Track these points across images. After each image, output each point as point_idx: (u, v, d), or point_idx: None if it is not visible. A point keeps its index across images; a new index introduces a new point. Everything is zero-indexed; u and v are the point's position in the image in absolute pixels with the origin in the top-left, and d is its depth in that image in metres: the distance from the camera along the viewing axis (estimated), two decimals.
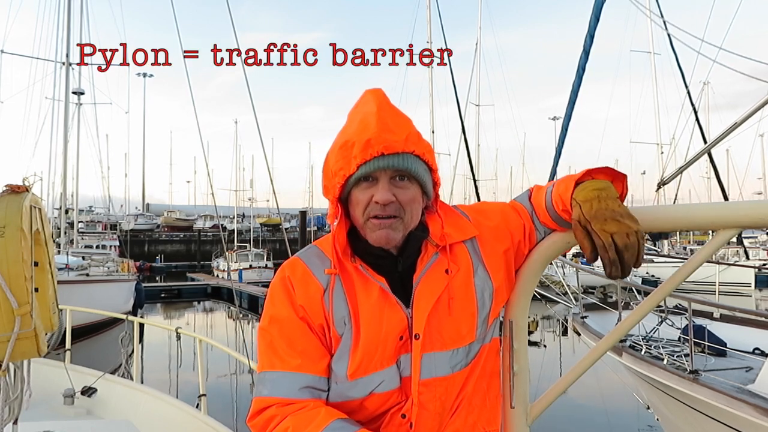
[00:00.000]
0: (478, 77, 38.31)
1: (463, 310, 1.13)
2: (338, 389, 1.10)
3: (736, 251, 28.39)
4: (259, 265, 33.86)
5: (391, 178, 1.07)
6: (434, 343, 1.11)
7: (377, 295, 1.10)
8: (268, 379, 1.09)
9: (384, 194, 1.05)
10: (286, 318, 1.11)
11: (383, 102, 1.11)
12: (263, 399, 1.08)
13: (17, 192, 2.57)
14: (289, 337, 1.10)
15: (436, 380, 1.11)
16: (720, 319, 6.62)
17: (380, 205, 1.06)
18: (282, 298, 1.13)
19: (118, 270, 20.65)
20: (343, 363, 1.09)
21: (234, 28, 4.62)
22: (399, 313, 1.09)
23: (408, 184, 1.09)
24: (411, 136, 1.08)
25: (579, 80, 6.02)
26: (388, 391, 1.10)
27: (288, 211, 58.81)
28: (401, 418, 1.11)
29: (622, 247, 0.97)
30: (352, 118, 1.12)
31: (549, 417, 1.79)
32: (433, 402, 1.11)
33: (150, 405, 4.57)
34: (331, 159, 1.11)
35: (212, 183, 40.72)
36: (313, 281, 1.12)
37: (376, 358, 1.08)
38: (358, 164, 1.05)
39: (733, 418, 4.04)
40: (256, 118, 4.49)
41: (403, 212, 1.08)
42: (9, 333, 2.40)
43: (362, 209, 1.08)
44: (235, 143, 58.97)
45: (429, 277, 1.12)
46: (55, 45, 21.40)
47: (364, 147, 1.05)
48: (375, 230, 1.08)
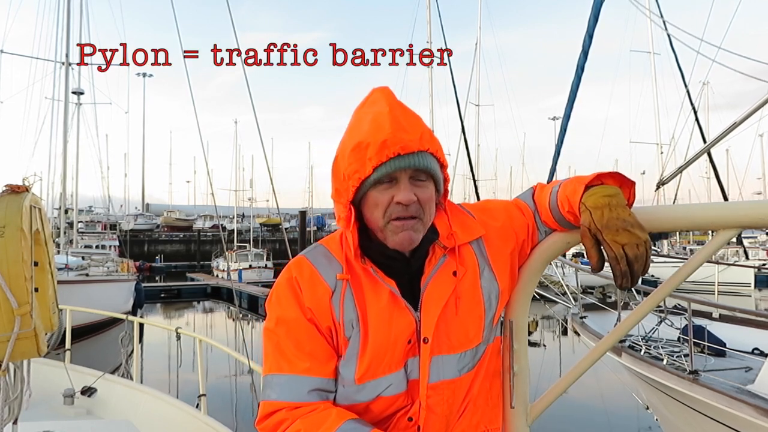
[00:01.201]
0: (478, 77, 38.31)
1: (470, 313, 1.12)
2: (345, 392, 1.09)
3: (735, 251, 28.40)
4: (259, 265, 33.84)
5: (410, 178, 1.05)
6: (442, 347, 1.10)
7: (387, 299, 1.08)
8: (275, 382, 1.08)
9: (407, 195, 1.03)
10: (294, 319, 1.09)
11: (394, 101, 1.09)
12: (271, 403, 1.07)
13: (17, 192, 2.57)
14: (296, 339, 1.08)
15: (444, 383, 1.10)
16: (719, 319, 6.62)
17: (402, 206, 1.04)
18: (289, 298, 1.10)
19: (117, 270, 20.64)
20: (351, 367, 1.08)
21: (234, 28, 4.62)
22: (408, 317, 1.08)
23: (426, 183, 1.07)
24: (425, 134, 1.07)
25: (578, 80, 6.02)
26: (395, 395, 1.09)
27: (288, 211, 58.81)
28: (408, 421, 1.10)
29: (633, 259, 0.97)
30: (361, 118, 1.09)
31: (549, 417, 1.79)
32: (441, 405, 1.10)
33: (150, 405, 4.57)
34: (343, 162, 1.07)
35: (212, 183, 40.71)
36: (320, 283, 1.10)
37: (384, 362, 1.07)
38: (375, 166, 1.03)
39: (733, 418, 4.04)
40: (256, 118, 4.49)
41: (422, 212, 1.06)
42: (9, 333, 2.40)
43: (382, 211, 1.05)
44: (235, 143, 58.96)
45: (437, 280, 1.10)
46: (54, 45, 21.46)
47: (380, 148, 1.02)
48: (398, 232, 1.06)
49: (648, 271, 1.00)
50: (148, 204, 70.35)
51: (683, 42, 7.65)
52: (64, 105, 21.37)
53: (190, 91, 4.77)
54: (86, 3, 22.23)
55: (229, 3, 4.64)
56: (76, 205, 24.66)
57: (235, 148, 58.31)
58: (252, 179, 60.98)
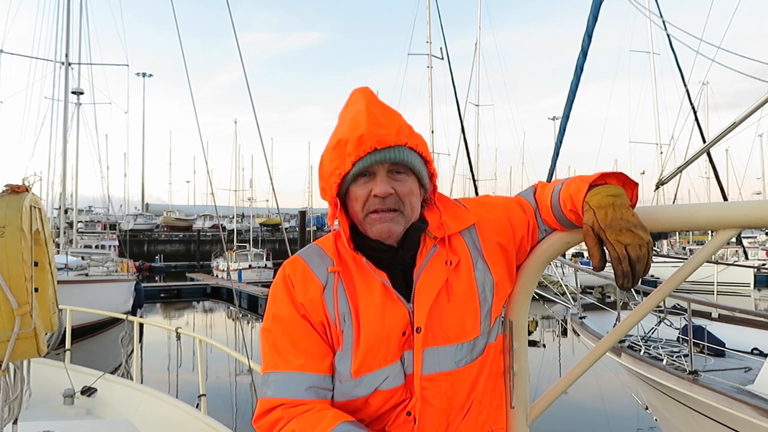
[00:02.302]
0: (478, 77, 38.33)
1: (465, 304, 1.13)
2: (343, 388, 1.10)
3: (735, 251, 28.40)
4: (259, 265, 33.86)
5: (389, 172, 1.08)
6: (437, 338, 1.10)
7: (379, 292, 1.10)
8: (272, 380, 1.09)
9: (383, 187, 1.06)
10: (288, 317, 1.11)
11: (371, 98, 1.13)
12: (268, 400, 1.08)
13: (17, 192, 2.57)
14: (291, 336, 1.10)
15: (440, 375, 1.10)
16: (718, 319, 6.62)
17: (379, 199, 1.07)
18: (283, 296, 1.13)
19: (117, 270, 20.62)
20: (346, 361, 1.09)
21: (234, 28, 4.61)
22: (401, 309, 1.10)
23: (405, 177, 1.10)
24: (402, 128, 1.09)
25: (577, 80, 6.02)
26: (393, 388, 1.10)
27: (287, 211, 58.80)
28: (406, 416, 1.10)
29: (635, 259, 0.98)
30: (342, 119, 1.14)
31: (549, 417, 1.79)
32: (438, 398, 1.10)
33: (150, 405, 4.57)
34: (326, 160, 1.12)
35: (212, 183, 40.66)
36: (312, 279, 1.13)
37: (379, 355, 1.08)
38: (353, 161, 1.07)
39: (733, 419, 4.03)
40: (256, 117, 4.48)
41: (403, 205, 1.09)
42: (9, 333, 2.40)
43: (361, 204, 1.09)
44: (235, 143, 59.09)
45: (429, 271, 1.12)
46: (54, 45, 21.44)
47: (358, 143, 1.06)
48: (375, 224, 1.09)
49: (649, 272, 1.00)
50: (147, 204, 70.37)
51: (683, 42, 7.64)
52: (64, 105, 21.36)
53: (191, 91, 4.77)
54: (86, 3, 22.27)
55: (229, 3, 4.63)
56: (76, 205, 24.65)
57: (234, 148, 58.41)
58: (252, 179, 61.09)
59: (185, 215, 60.76)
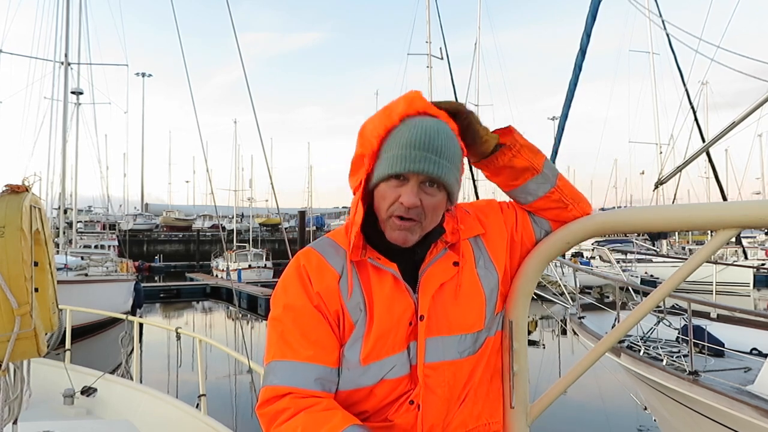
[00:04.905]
0: (477, 77, 38.40)
1: (471, 299, 1.16)
2: (350, 375, 1.10)
3: (734, 251, 28.38)
4: (259, 265, 33.82)
5: (421, 183, 1.07)
6: (441, 327, 1.13)
7: (390, 282, 1.12)
8: (279, 368, 1.08)
9: (411, 198, 1.06)
10: (301, 307, 1.11)
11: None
12: (274, 387, 1.06)
13: (17, 192, 2.57)
14: (302, 327, 1.10)
15: (444, 364, 1.12)
16: (717, 319, 6.62)
17: (404, 207, 1.07)
18: (297, 286, 1.13)
19: (117, 270, 20.61)
20: (356, 348, 1.10)
21: (234, 28, 4.61)
22: (407, 299, 1.12)
23: (435, 192, 1.09)
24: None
25: (576, 80, 6.00)
26: (398, 378, 1.11)
27: (287, 211, 58.84)
28: (410, 404, 1.11)
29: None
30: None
31: (549, 417, 1.79)
32: (442, 386, 1.12)
33: (150, 405, 4.57)
34: (369, 125, 1.13)
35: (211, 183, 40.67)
36: (328, 269, 1.13)
37: (388, 343, 1.10)
38: (401, 116, 1.08)
39: (733, 419, 4.03)
40: (256, 117, 4.48)
41: (424, 217, 1.09)
42: (9, 333, 2.40)
43: (387, 205, 1.09)
44: (235, 143, 58.90)
45: (436, 266, 1.15)
46: (54, 44, 21.42)
47: (408, 105, 1.09)
48: (394, 230, 1.10)
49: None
50: (147, 204, 70.38)
51: (682, 41, 7.64)
52: (64, 105, 21.32)
53: (190, 91, 4.77)
54: (86, 3, 22.25)
55: (228, 3, 4.63)
56: (76, 205, 24.63)
57: (234, 148, 58.34)
58: (251, 179, 60.96)
59: (185, 215, 60.70)
